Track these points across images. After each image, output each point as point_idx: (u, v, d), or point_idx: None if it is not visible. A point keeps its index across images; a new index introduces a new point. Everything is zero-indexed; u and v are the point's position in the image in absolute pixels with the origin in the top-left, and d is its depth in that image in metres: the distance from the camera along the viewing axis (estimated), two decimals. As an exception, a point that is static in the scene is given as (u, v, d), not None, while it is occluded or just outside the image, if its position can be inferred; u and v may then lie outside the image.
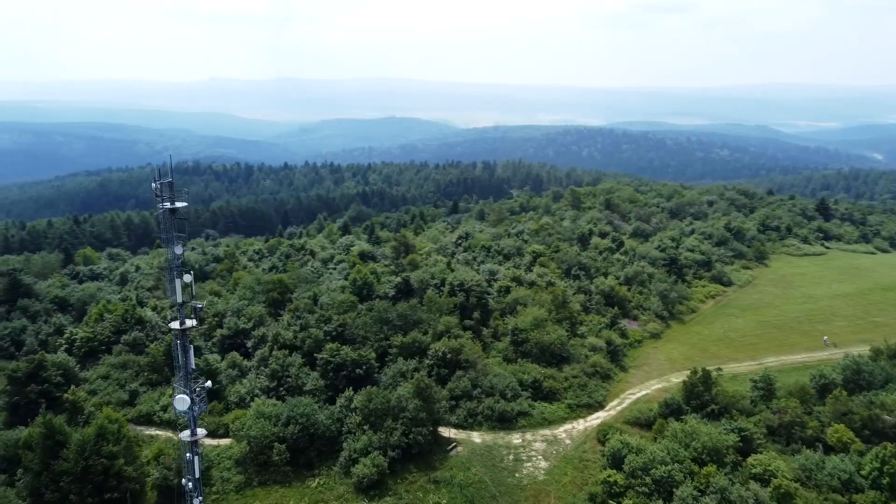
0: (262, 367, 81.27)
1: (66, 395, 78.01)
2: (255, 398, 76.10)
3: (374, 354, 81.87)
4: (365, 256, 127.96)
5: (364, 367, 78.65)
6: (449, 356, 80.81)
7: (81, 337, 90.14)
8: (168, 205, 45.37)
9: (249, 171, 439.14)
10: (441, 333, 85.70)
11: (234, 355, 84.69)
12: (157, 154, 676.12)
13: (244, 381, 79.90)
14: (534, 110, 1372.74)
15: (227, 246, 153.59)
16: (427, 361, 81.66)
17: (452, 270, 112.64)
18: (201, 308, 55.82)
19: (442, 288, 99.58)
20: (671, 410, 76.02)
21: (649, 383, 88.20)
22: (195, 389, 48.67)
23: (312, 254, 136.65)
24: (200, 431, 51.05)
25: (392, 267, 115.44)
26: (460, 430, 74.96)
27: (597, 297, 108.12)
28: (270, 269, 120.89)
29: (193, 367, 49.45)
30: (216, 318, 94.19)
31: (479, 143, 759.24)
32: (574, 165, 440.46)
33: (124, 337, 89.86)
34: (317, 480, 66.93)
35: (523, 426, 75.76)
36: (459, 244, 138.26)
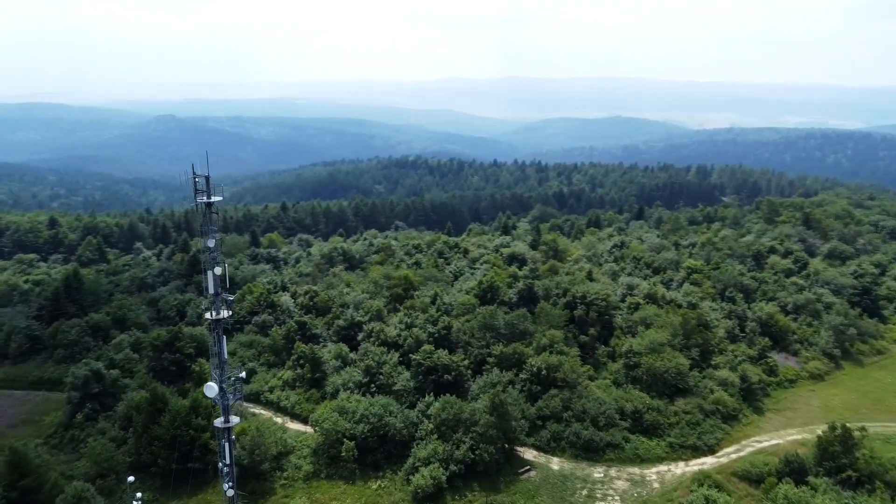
0: (361, 362, 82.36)
1: (193, 367, 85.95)
2: (346, 391, 77.38)
3: (466, 361, 79.26)
4: (514, 259, 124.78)
5: (453, 373, 76.37)
6: (544, 372, 75.66)
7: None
8: (204, 199, 47.60)
9: (461, 166, 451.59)
10: (543, 347, 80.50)
11: (342, 347, 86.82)
12: (391, 148, 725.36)
13: (342, 372, 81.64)
14: (777, 112, 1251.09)
15: (385, 238, 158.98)
16: (522, 375, 77.39)
17: (592, 280, 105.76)
18: (232, 300, 57.78)
19: (562, 298, 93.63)
20: (792, 469, 64.05)
21: (786, 432, 75.22)
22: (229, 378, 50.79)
23: (465, 252, 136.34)
24: (234, 419, 52.84)
25: (527, 272, 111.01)
26: (540, 454, 69.95)
27: (751, 324, 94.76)
28: (413, 265, 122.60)
29: (227, 356, 51.32)
30: (341, 309, 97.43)
31: (707, 146, 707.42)
32: (804, 173, 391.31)
33: (255, 318, 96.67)
34: (378, 483, 66.29)
35: (610, 459, 68.72)
36: (612, 253, 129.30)
